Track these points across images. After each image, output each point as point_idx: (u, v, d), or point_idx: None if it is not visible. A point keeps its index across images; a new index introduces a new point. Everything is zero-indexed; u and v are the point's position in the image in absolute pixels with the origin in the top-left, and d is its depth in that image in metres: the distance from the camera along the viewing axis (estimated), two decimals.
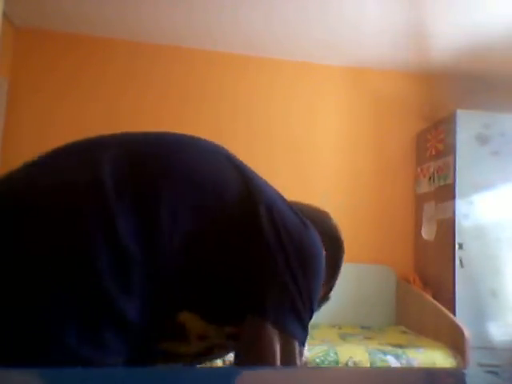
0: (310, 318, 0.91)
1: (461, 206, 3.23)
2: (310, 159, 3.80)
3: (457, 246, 3.19)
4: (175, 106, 3.69)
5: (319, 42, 3.52)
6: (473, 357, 2.80)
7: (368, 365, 2.67)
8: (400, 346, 2.86)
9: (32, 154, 3.70)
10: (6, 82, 3.40)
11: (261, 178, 1.04)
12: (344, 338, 3.11)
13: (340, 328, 3.40)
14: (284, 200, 1.02)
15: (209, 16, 3.21)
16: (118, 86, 3.62)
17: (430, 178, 3.60)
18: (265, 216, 0.88)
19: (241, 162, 1.01)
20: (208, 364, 1.08)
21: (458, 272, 3.17)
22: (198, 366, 0.99)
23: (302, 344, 0.88)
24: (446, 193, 3.34)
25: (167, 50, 3.70)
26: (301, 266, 0.88)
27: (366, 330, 3.39)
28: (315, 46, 3.58)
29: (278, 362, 0.83)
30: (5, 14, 2.80)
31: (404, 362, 2.73)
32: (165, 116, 3.66)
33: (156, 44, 3.66)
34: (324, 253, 0.97)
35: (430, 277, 3.51)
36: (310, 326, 0.90)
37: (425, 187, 3.67)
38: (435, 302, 3.18)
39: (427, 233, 3.59)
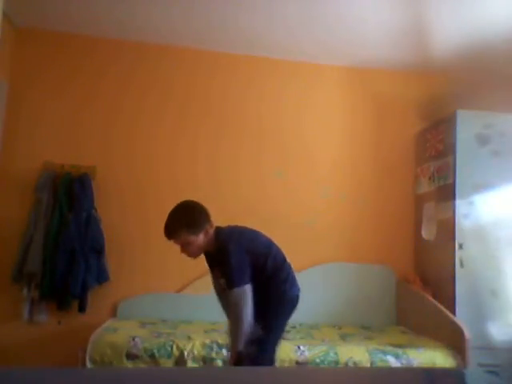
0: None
1: (461, 205, 3.23)
2: (310, 158, 3.80)
3: (457, 246, 3.19)
4: (178, 106, 3.68)
5: (320, 42, 3.51)
6: (473, 357, 2.80)
7: (368, 365, 2.67)
8: (400, 346, 2.86)
9: (32, 154, 3.72)
10: (6, 82, 3.40)
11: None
12: (344, 338, 3.11)
13: (340, 328, 3.40)
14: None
15: (210, 17, 3.21)
16: (120, 87, 3.61)
17: (429, 178, 3.60)
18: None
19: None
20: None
21: (458, 272, 3.17)
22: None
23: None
24: (446, 193, 3.34)
25: (168, 50, 3.69)
26: None
27: (366, 329, 3.39)
28: (316, 46, 3.58)
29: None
30: (5, 14, 2.80)
31: (404, 361, 2.73)
32: (166, 117, 3.66)
33: (157, 44, 3.66)
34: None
35: (430, 277, 3.51)
36: (309, 326, 0.94)
37: (425, 187, 3.67)
38: (435, 301, 3.18)
39: (427, 233, 3.58)
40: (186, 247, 2.20)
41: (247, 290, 2.10)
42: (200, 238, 2.19)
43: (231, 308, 2.14)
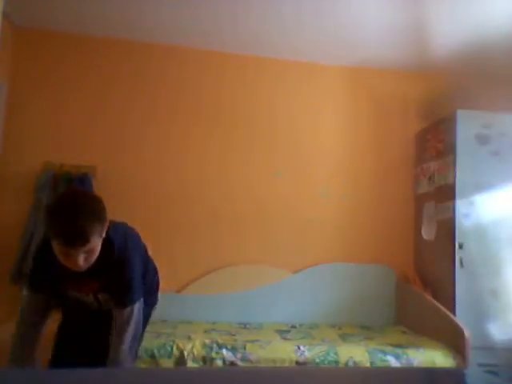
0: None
1: (461, 206, 3.23)
2: (310, 158, 3.80)
3: (457, 246, 3.19)
4: (187, 110, 3.67)
5: (319, 42, 3.51)
6: (473, 357, 2.80)
7: (368, 365, 2.67)
8: (400, 346, 2.86)
9: (32, 154, 3.71)
10: (6, 82, 3.40)
11: None
12: (344, 338, 3.11)
13: (340, 328, 3.40)
14: None
15: (209, 17, 3.21)
16: (120, 86, 3.61)
17: (429, 178, 3.60)
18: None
19: None
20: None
21: (458, 272, 3.17)
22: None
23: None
24: (446, 193, 3.34)
25: (176, 51, 3.68)
26: None
27: (365, 330, 3.39)
28: (315, 46, 3.58)
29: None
30: (5, 14, 2.79)
31: (404, 361, 2.72)
32: (175, 118, 3.65)
33: (157, 44, 3.65)
34: None
35: (429, 277, 3.51)
36: (309, 326, 0.93)
37: (425, 187, 3.67)
38: (435, 301, 3.18)
39: (427, 233, 3.58)
40: (89, 255, 1.59)
41: (142, 302, 1.85)
42: (101, 240, 1.61)
43: (131, 324, 1.78)
